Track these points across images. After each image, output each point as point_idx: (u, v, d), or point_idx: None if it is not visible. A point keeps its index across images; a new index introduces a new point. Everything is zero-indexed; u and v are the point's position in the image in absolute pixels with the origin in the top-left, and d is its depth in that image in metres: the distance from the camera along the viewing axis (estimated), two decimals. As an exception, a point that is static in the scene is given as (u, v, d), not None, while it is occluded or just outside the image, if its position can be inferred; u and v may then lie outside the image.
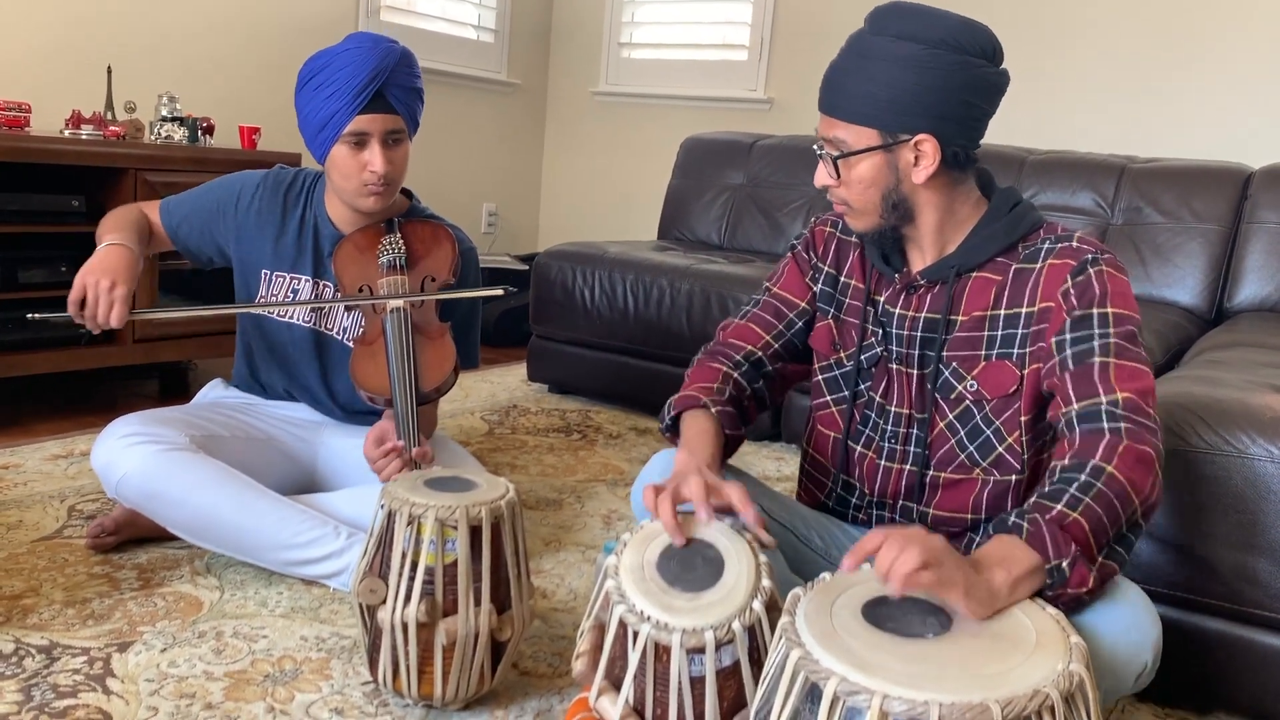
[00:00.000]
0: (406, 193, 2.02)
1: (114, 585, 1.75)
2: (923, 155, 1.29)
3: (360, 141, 1.79)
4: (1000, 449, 1.35)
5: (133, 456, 1.74)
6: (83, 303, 1.71)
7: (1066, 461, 1.17)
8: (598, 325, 3.15)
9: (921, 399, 1.40)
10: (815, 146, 1.35)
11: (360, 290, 1.86)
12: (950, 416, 1.38)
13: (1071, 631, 0.99)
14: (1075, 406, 1.21)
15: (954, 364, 1.36)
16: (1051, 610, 1.03)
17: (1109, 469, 1.13)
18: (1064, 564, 1.07)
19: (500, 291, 1.88)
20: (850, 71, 1.30)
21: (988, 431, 1.36)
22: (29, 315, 1.81)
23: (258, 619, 1.67)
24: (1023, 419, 1.33)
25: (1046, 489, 1.14)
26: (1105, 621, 1.12)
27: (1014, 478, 1.36)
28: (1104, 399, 1.20)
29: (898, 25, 1.27)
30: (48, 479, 2.22)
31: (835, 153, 1.32)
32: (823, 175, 1.35)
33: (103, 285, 1.71)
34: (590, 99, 4.72)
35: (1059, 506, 1.11)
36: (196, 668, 1.51)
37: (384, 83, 1.77)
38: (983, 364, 1.35)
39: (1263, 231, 2.88)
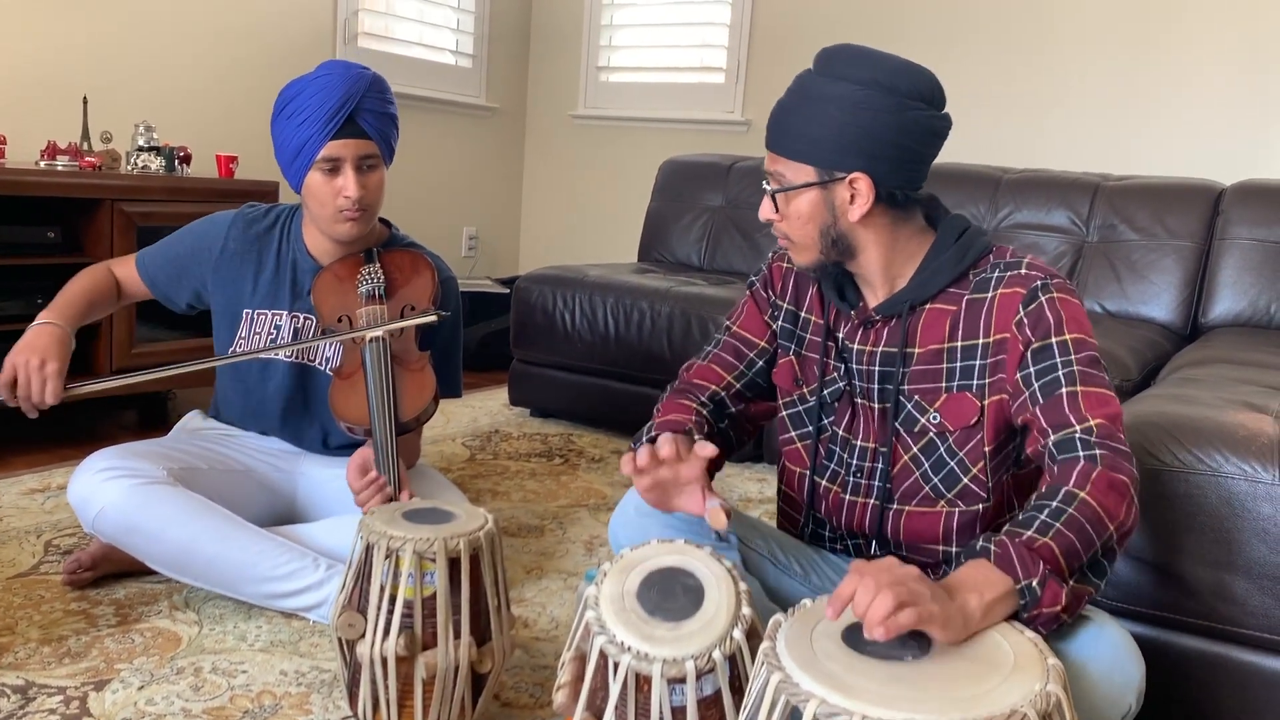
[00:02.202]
0: (385, 222, 2.03)
1: (91, 622, 1.73)
2: (858, 194, 1.30)
3: (334, 168, 1.79)
4: (965, 480, 1.36)
5: (110, 491, 1.73)
6: (14, 384, 1.68)
7: (1042, 490, 1.18)
8: (579, 349, 3.15)
9: (884, 433, 1.40)
10: (764, 182, 1.38)
11: (340, 320, 1.86)
12: (915, 449, 1.38)
13: (1049, 654, 0.99)
14: (1051, 438, 1.22)
15: (916, 397, 1.37)
16: (1029, 633, 1.04)
17: (1081, 495, 1.14)
18: (1034, 583, 1.07)
19: (434, 319, 1.86)
20: (792, 109, 1.32)
21: (951, 463, 1.36)
22: None
23: (237, 654, 1.66)
24: (986, 449, 1.34)
25: (1020, 516, 1.15)
26: (1090, 664, 1.12)
27: (980, 507, 1.37)
28: (1077, 428, 1.21)
29: (838, 66, 1.30)
30: (24, 514, 2.20)
31: (776, 187, 1.35)
32: (767, 209, 1.38)
33: (33, 364, 1.67)
34: (569, 122, 4.74)
35: (1029, 532, 1.11)
36: (175, 705, 1.49)
37: (355, 108, 1.78)
38: (944, 396, 1.36)
39: (1235, 247, 2.91)
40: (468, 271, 4.58)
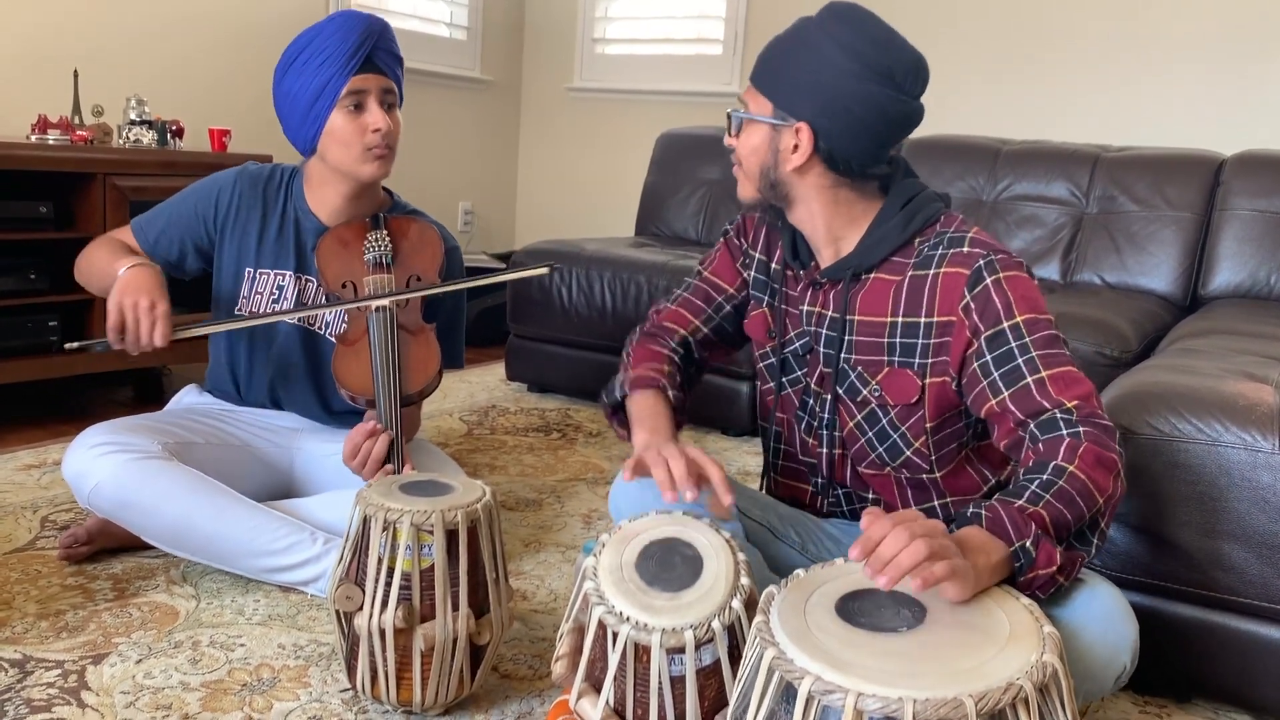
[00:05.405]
0: (386, 189, 2.01)
1: (88, 596, 1.73)
2: (799, 144, 1.31)
3: (359, 104, 1.78)
4: (908, 453, 1.38)
5: (105, 465, 1.72)
6: (122, 328, 1.67)
7: (1029, 464, 1.18)
8: (576, 323, 3.14)
9: (833, 396, 1.41)
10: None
11: (344, 287, 1.85)
12: (859, 417, 1.40)
13: (1045, 622, 0.99)
14: (1031, 424, 1.21)
15: (859, 368, 1.38)
16: (1025, 600, 1.03)
17: (1070, 468, 1.14)
18: (1027, 544, 1.07)
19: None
20: (778, 46, 1.36)
21: (894, 436, 1.37)
22: (65, 346, 1.75)
23: (234, 627, 1.65)
24: (927, 425, 1.35)
25: (1009, 489, 1.15)
26: (1083, 625, 1.13)
27: (924, 476, 1.39)
28: (1057, 411, 1.20)
29: (829, 21, 1.31)
30: (20, 489, 2.20)
31: (737, 111, 1.38)
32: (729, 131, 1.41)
33: (142, 305, 1.66)
34: (565, 95, 4.71)
35: (1019, 501, 1.11)
36: (173, 678, 1.49)
37: (374, 46, 1.78)
38: (885, 370, 1.35)
39: (1235, 218, 2.90)
40: (464, 246, 4.55)
